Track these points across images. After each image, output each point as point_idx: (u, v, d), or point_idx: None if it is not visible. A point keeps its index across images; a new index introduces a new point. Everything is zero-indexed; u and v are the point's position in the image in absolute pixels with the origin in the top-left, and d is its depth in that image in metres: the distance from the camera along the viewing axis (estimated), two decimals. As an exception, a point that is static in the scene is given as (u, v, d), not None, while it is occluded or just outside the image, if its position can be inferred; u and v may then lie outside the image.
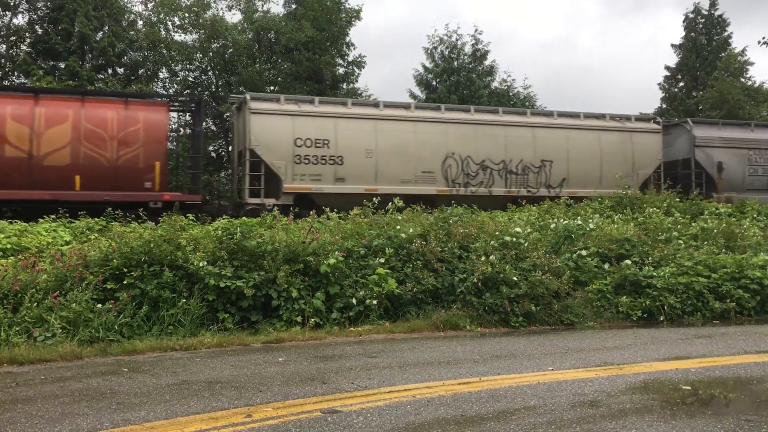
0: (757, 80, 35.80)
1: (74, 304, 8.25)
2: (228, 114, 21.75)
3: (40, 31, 25.95)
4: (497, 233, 11.31)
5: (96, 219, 12.88)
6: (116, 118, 16.24)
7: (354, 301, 9.61)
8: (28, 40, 26.20)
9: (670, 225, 13.97)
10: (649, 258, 11.91)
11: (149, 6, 28.66)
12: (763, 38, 29.58)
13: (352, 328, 9.31)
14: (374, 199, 13.43)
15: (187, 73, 28.36)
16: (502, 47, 71.01)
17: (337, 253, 9.91)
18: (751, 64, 35.28)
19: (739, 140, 22.23)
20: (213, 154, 26.03)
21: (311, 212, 13.52)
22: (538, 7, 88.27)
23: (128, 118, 16.30)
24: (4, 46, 26.31)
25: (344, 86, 28.81)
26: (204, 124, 19.24)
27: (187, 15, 27.90)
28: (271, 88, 27.16)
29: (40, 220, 12.48)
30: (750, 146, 22.26)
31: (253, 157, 17.40)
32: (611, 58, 76.84)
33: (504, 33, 74.74)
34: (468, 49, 32.43)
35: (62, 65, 24.86)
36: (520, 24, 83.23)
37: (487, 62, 32.37)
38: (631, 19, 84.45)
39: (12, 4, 26.14)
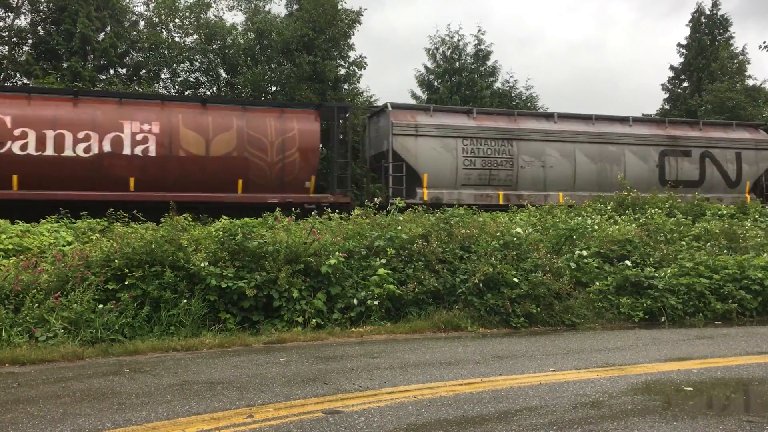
0: (759, 79, 35.77)
1: (76, 305, 8.26)
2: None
3: (42, 32, 25.99)
4: (498, 234, 11.30)
5: (97, 219, 12.89)
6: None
7: (355, 301, 9.61)
8: (30, 41, 26.24)
9: (672, 226, 13.96)
10: (651, 259, 11.90)
11: (150, 7, 28.71)
12: (764, 42, 29.54)
13: (353, 329, 9.31)
14: (375, 199, 13.46)
15: (188, 74, 28.38)
16: (530, 47, 71.33)
17: (338, 253, 9.91)
18: (749, 63, 35.28)
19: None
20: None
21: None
22: (568, 8, 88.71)
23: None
24: (6, 47, 26.33)
25: (346, 87, 28.80)
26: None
27: (187, 16, 27.93)
28: (274, 88, 27.17)
29: (42, 221, 12.49)
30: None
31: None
32: (641, 60, 77.11)
33: (532, 34, 75.18)
34: (470, 49, 32.43)
35: (64, 66, 24.89)
36: (550, 25, 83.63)
37: (489, 63, 32.37)
38: (663, 21, 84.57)
39: (14, 5, 26.18)
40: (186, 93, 26.92)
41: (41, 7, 26.16)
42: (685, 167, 21.21)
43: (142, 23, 28.36)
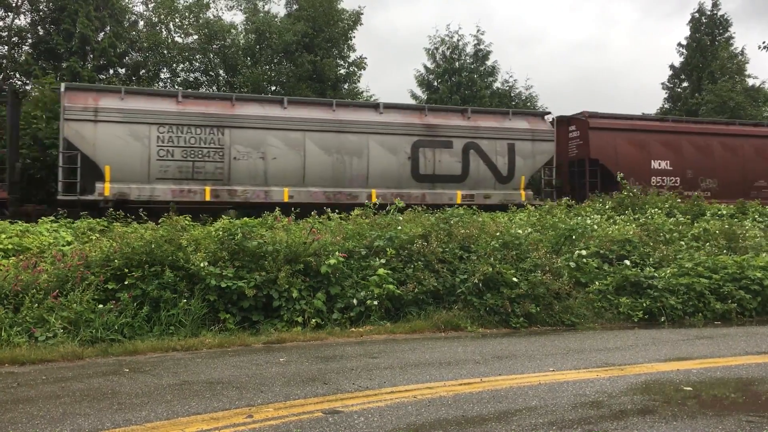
0: (759, 79, 35.86)
1: (75, 305, 8.26)
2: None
3: (41, 31, 26.00)
4: (498, 233, 11.31)
5: (97, 219, 12.90)
6: None
7: (355, 301, 9.61)
8: (29, 41, 26.25)
9: (671, 226, 13.96)
10: (650, 259, 11.90)
11: (150, 6, 28.72)
12: (764, 42, 29.58)
13: (353, 329, 9.31)
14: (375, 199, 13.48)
15: (188, 74, 28.40)
16: (531, 47, 71.56)
17: (338, 253, 9.92)
18: (747, 63, 35.38)
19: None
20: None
21: None
22: (570, 8, 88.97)
23: None
24: (6, 47, 26.33)
25: (346, 86, 28.86)
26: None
27: (186, 15, 27.95)
28: (273, 88, 27.21)
29: (41, 221, 12.50)
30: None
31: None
32: (643, 59, 77.29)
33: (534, 34, 75.42)
34: (470, 49, 32.47)
35: (63, 65, 24.89)
36: (552, 25, 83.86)
37: (489, 63, 32.41)
38: (666, 21, 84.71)
39: (14, 5, 26.18)
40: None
41: (41, 7, 26.17)
42: (445, 160, 18.63)
43: (141, 23, 28.38)
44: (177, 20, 28.19)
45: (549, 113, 21.13)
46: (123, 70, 27.07)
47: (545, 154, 19.86)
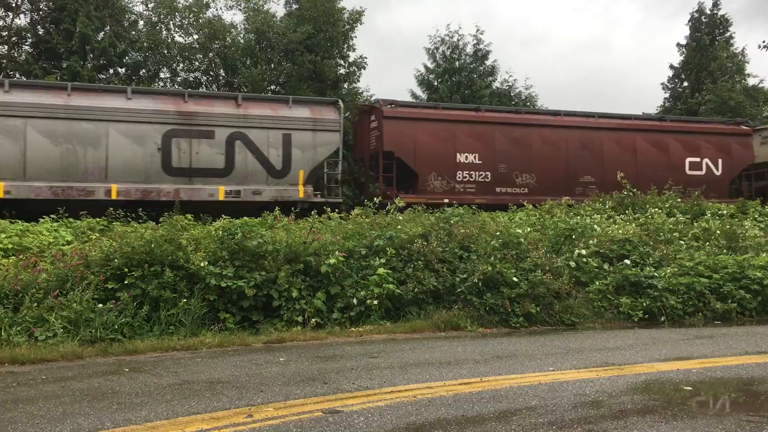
0: (758, 78, 35.92)
1: (75, 304, 8.26)
2: None
3: (41, 31, 26.00)
4: (498, 233, 11.31)
5: (97, 219, 12.90)
6: None
7: (355, 301, 9.61)
8: (29, 41, 26.25)
9: (671, 226, 13.96)
10: (650, 258, 11.90)
11: (150, 6, 28.71)
12: (764, 42, 29.66)
13: (353, 329, 9.31)
14: (375, 199, 13.47)
15: (188, 74, 28.37)
16: (535, 47, 71.76)
17: (337, 253, 9.92)
18: (747, 62, 35.39)
19: None
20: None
21: None
22: (573, 9, 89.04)
23: None
24: (6, 47, 26.33)
25: (346, 86, 28.84)
26: None
27: (186, 14, 27.94)
28: (273, 87, 27.19)
29: (41, 220, 12.50)
30: None
31: None
32: (647, 59, 77.37)
33: (537, 33, 75.60)
34: (469, 49, 32.46)
35: (64, 65, 24.89)
36: (556, 25, 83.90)
37: (488, 62, 32.40)
38: (670, 21, 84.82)
39: (14, 5, 26.17)
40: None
41: (41, 7, 26.16)
42: (204, 152, 16.79)
43: (141, 23, 28.38)
44: (177, 20, 28.18)
45: (337, 101, 18.90)
46: (123, 70, 27.07)
47: (329, 146, 18.04)
